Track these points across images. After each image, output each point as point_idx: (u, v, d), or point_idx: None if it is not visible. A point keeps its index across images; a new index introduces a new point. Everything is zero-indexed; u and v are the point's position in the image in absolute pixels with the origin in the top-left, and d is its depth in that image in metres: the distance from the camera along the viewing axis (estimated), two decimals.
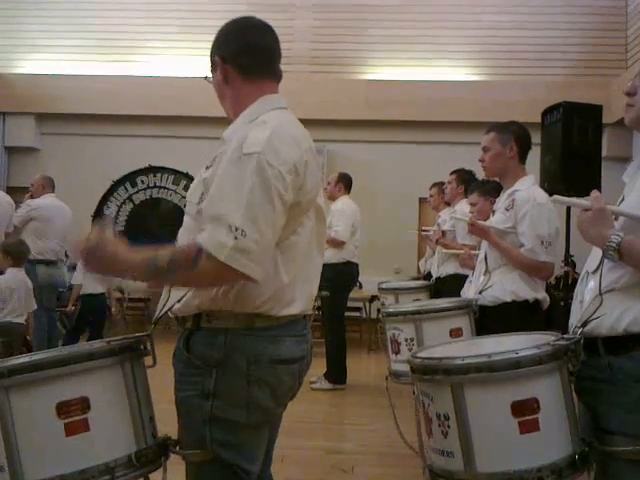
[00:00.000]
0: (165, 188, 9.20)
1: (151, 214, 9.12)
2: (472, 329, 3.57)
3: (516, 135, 3.67)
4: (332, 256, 6.76)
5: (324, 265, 2.30)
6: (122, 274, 2.01)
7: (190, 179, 8.66)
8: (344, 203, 7.12)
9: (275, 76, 2.18)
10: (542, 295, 3.59)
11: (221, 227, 1.83)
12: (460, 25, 11.14)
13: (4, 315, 6.22)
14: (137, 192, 9.30)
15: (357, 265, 7.18)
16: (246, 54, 2.12)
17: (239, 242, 1.81)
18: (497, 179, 3.99)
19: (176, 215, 8.96)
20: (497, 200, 3.88)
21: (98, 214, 9.09)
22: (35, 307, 6.49)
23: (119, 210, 9.22)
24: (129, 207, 9.23)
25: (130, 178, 9.31)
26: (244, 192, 1.84)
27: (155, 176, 9.24)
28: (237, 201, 1.84)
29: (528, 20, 11.06)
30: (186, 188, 9.10)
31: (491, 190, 4.66)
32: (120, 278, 2.06)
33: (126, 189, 9.31)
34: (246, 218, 1.83)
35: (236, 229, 1.81)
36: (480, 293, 3.61)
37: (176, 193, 9.18)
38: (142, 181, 9.26)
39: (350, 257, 7.05)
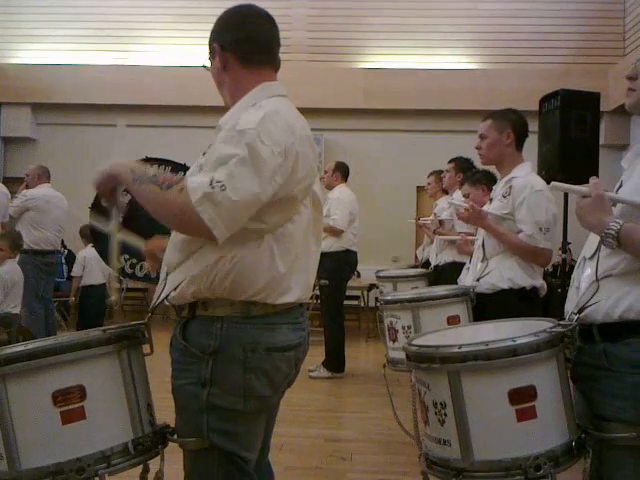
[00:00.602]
0: None
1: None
2: (469, 316, 3.57)
3: (513, 122, 3.66)
4: (331, 245, 6.76)
5: (323, 254, 2.30)
6: (125, 176, 2.07)
7: (187, 170, 8.64)
8: (341, 191, 7.11)
9: (274, 64, 2.18)
10: (539, 282, 3.59)
11: (205, 178, 1.85)
12: (458, 13, 11.12)
13: (6, 306, 6.25)
14: None
15: (356, 254, 7.18)
16: (245, 42, 2.11)
17: (214, 193, 1.81)
18: (493, 167, 3.98)
19: None
20: (494, 187, 3.87)
21: (95, 205, 9.07)
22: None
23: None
24: (126, 198, 9.20)
25: None
26: (233, 158, 1.85)
27: (152, 167, 9.21)
28: (225, 164, 1.85)
29: (526, 8, 11.05)
30: None
31: (481, 179, 4.67)
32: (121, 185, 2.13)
33: None
34: (230, 178, 1.83)
35: (217, 182, 1.82)
36: (478, 280, 3.61)
37: None
38: None
39: (349, 245, 7.05)
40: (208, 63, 2.20)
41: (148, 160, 9.12)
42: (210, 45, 2.16)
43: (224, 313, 1.98)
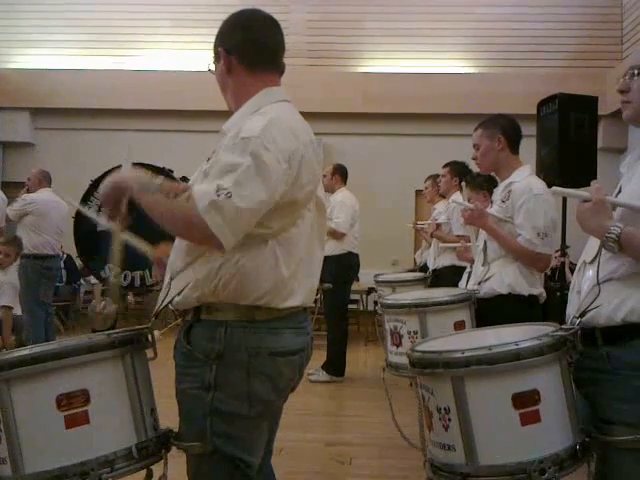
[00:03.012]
0: None
1: (131, 212, 9.03)
2: (473, 321, 3.54)
3: (502, 127, 3.63)
4: (334, 248, 6.78)
5: (326, 257, 2.30)
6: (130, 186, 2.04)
7: (168, 174, 8.64)
8: (344, 195, 7.15)
9: (278, 69, 2.18)
10: (538, 290, 3.56)
11: (211, 186, 1.84)
12: (456, 18, 11.14)
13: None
14: None
15: (358, 256, 7.21)
16: (250, 46, 2.12)
17: (220, 200, 1.81)
18: (493, 173, 3.98)
19: None
20: (494, 191, 3.87)
21: (79, 215, 9.07)
22: None
23: (100, 210, 9.16)
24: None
25: (108, 176, 9.26)
26: (239, 167, 1.85)
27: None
28: (231, 172, 1.85)
29: (524, 12, 11.07)
30: None
31: (482, 183, 4.67)
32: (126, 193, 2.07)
33: None
34: (235, 185, 1.83)
35: (223, 189, 1.82)
36: (479, 284, 3.59)
37: None
38: None
39: (351, 248, 7.08)
40: (213, 67, 2.20)
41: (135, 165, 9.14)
42: (215, 49, 2.17)
43: (228, 317, 1.98)
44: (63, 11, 11.33)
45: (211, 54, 2.21)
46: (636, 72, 2.04)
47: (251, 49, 2.12)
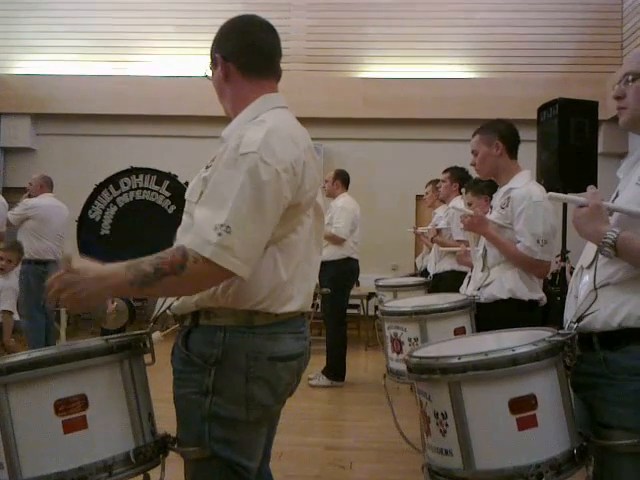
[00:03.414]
0: (148, 189, 9.21)
1: (136, 216, 9.09)
2: (472, 327, 3.54)
3: (500, 133, 3.63)
4: (333, 253, 6.80)
5: (325, 263, 2.31)
6: (105, 291, 1.87)
7: (172, 179, 8.66)
8: (345, 201, 7.16)
9: (275, 75, 2.18)
10: (539, 295, 3.57)
11: (206, 227, 1.82)
12: (456, 23, 11.15)
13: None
14: (120, 195, 9.28)
15: (357, 261, 7.21)
16: (247, 52, 2.12)
17: (223, 239, 1.79)
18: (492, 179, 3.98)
19: (161, 216, 8.99)
20: (494, 196, 3.87)
21: (83, 219, 9.08)
22: None
23: (103, 214, 9.20)
24: (113, 210, 9.20)
25: (113, 180, 9.28)
26: (234, 191, 1.83)
27: (138, 177, 9.24)
28: (225, 200, 1.83)
29: (524, 17, 11.08)
30: (169, 188, 9.11)
31: (484, 188, 4.68)
32: (106, 296, 1.94)
33: (110, 192, 9.28)
34: (232, 216, 1.81)
35: (220, 226, 1.80)
36: (478, 290, 3.59)
37: (159, 194, 9.15)
38: (125, 183, 9.25)
39: (350, 253, 7.09)
40: (210, 73, 2.20)
41: (133, 169, 9.16)
42: (212, 55, 2.16)
43: (227, 322, 1.98)
44: (64, 17, 11.36)
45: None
46: (630, 78, 2.05)
47: (248, 55, 2.12)
